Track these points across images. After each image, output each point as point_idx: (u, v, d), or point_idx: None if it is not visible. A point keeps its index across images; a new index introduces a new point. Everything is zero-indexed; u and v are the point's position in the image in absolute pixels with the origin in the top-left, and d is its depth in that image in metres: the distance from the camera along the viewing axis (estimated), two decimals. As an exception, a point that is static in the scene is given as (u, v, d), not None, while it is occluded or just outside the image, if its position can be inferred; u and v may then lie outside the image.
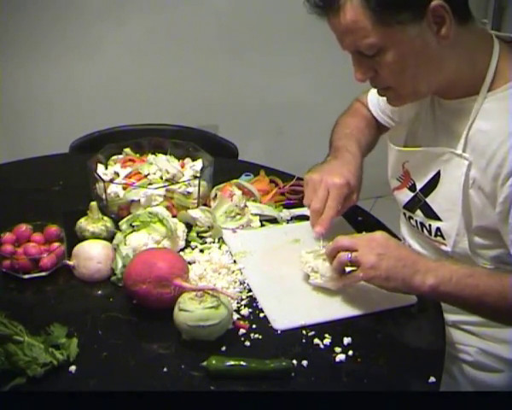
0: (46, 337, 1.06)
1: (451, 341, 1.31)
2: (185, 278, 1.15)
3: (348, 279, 1.16)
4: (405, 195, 1.32)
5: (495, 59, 1.16)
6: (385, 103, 1.39)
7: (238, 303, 1.18)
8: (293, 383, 1.02)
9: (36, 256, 1.24)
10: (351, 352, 1.07)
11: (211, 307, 1.06)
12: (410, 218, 1.34)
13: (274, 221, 1.45)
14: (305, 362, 1.05)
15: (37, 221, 1.30)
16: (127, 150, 1.58)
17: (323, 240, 1.28)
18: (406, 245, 1.37)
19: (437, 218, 1.26)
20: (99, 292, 1.23)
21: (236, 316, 1.15)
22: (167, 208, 1.40)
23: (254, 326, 1.13)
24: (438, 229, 1.26)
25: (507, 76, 1.15)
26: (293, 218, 1.46)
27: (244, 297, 1.20)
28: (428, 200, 1.27)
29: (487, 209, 1.17)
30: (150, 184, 1.46)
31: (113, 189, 1.42)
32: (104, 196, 1.41)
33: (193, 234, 1.38)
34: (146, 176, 1.48)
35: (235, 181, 1.52)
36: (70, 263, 1.26)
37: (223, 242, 1.37)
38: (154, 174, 1.49)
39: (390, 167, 1.36)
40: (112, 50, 2.56)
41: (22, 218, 1.32)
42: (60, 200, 1.53)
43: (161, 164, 1.50)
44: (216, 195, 1.48)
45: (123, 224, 1.34)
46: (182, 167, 1.53)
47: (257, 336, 1.11)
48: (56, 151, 1.78)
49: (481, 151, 1.15)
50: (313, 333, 1.11)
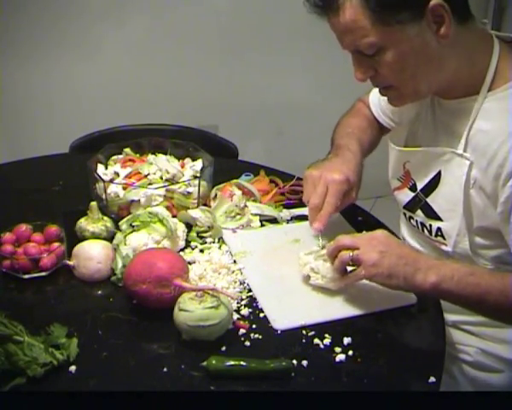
0: (46, 337, 1.06)
1: (451, 341, 1.31)
2: (185, 278, 1.15)
3: (350, 278, 1.16)
4: (406, 195, 1.32)
5: (495, 59, 1.16)
6: (386, 104, 1.39)
7: (238, 303, 1.18)
8: (293, 383, 1.02)
9: (36, 256, 1.24)
10: (351, 352, 1.07)
11: (211, 307, 1.06)
12: (411, 218, 1.33)
13: (274, 221, 1.45)
14: (305, 362, 1.05)
15: (37, 221, 1.30)
16: (127, 150, 1.58)
17: (322, 238, 1.28)
18: (407, 244, 1.37)
19: (437, 218, 1.26)
20: (99, 292, 1.23)
21: (236, 316, 1.15)
22: (167, 208, 1.40)
23: (254, 326, 1.13)
24: (438, 229, 1.26)
25: (507, 76, 1.15)
26: (293, 218, 1.46)
27: (244, 297, 1.20)
28: (429, 200, 1.27)
29: (488, 209, 1.17)
30: (150, 184, 1.46)
31: (113, 189, 1.42)
32: (104, 196, 1.41)
33: (193, 234, 1.38)
34: (146, 176, 1.48)
35: (235, 181, 1.52)
36: (70, 263, 1.25)
37: (223, 242, 1.37)
38: (154, 174, 1.49)
39: (391, 167, 1.36)
40: (112, 50, 2.57)
41: (22, 218, 1.32)
42: (60, 200, 1.53)
43: (161, 164, 1.50)
44: (216, 195, 1.48)
45: (123, 224, 1.34)
46: (182, 167, 1.53)
47: (257, 336, 1.11)
48: (56, 151, 1.78)
49: (482, 151, 1.15)
50: (313, 333, 1.11)
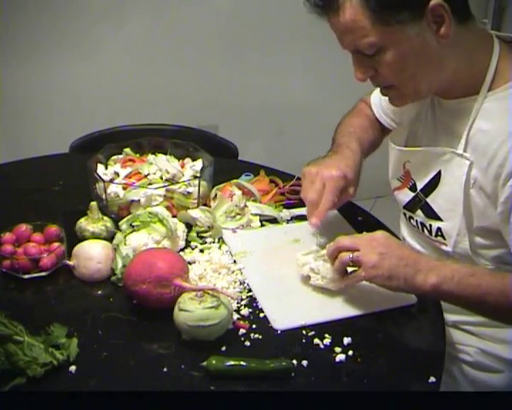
0: (46, 337, 1.06)
1: (451, 341, 1.31)
2: (185, 278, 1.15)
3: (350, 280, 1.16)
4: (406, 195, 1.32)
5: (495, 59, 1.16)
6: (387, 104, 1.39)
7: (238, 303, 1.18)
8: (293, 383, 1.02)
9: (36, 256, 1.24)
10: (351, 352, 1.07)
11: (211, 307, 1.06)
12: (411, 218, 1.33)
13: (274, 221, 1.45)
14: (305, 362, 1.05)
15: (37, 221, 1.30)
16: (127, 150, 1.58)
17: (320, 237, 1.28)
18: (407, 245, 1.37)
19: (438, 218, 1.26)
20: (99, 292, 1.23)
21: (236, 316, 1.15)
22: (167, 208, 1.40)
23: (254, 326, 1.13)
24: (438, 229, 1.26)
25: (507, 76, 1.15)
26: (293, 218, 1.46)
27: (244, 297, 1.20)
28: (429, 200, 1.27)
29: (488, 209, 1.17)
30: (150, 184, 1.46)
31: (113, 189, 1.42)
32: (104, 196, 1.41)
33: (193, 234, 1.38)
34: (146, 176, 1.48)
35: (235, 181, 1.52)
36: (70, 263, 1.25)
37: (223, 242, 1.37)
38: (154, 174, 1.49)
39: (391, 167, 1.36)
40: (112, 50, 2.56)
41: (22, 218, 1.32)
42: (60, 200, 1.53)
43: (161, 164, 1.50)
44: (216, 195, 1.48)
45: (123, 224, 1.34)
46: (182, 167, 1.53)
47: (257, 336, 1.11)
48: (56, 151, 1.78)
49: (482, 151, 1.15)
50: (313, 333, 1.11)
